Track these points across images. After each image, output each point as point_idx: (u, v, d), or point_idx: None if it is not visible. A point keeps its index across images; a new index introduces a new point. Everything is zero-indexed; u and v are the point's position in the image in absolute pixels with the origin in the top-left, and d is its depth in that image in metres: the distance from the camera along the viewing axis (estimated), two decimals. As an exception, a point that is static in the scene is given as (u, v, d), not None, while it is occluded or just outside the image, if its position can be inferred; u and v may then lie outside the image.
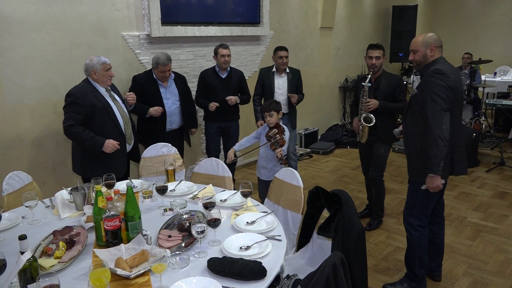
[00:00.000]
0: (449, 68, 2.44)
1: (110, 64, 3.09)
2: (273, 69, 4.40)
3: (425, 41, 2.50)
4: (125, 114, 3.19)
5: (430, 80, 2.39)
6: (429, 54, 2.50)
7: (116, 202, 1.96)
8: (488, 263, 3.16)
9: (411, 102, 2.57)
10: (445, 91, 2.35)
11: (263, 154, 3.40)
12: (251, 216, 2.18)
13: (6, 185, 2.63)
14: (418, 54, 2.53)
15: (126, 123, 3.16)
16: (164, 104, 3.76)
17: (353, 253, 1.94)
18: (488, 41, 9.35)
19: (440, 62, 2.47)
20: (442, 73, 2.37)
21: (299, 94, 4.50)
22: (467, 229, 3.72)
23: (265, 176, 3.42)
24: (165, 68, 3.66)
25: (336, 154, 6.23)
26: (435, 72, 2.38)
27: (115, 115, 3.08)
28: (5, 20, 3.27)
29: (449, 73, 2.39)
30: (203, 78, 4.18)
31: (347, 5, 7.18)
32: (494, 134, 6.06)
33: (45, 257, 1.81)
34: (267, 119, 3.28)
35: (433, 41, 2.49)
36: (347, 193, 2.19)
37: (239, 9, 4.99)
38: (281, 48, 4.29)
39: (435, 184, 2.44)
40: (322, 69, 6.82)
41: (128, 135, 3.19)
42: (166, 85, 3.80)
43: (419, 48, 2.52)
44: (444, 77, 2.36)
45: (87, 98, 2.97)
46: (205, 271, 1.69)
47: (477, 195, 4.50)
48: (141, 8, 4.11)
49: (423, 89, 2.42)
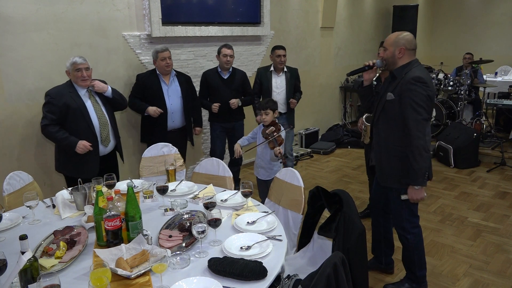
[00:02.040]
0: (426, 74, 2.40)
1: (84, 64, 3.05)
2: (271, 69, 4.40)
3: (397, 40, 2.42)
4: (103, 116, 3.16)
5: (412, 89, 2.32)
6: (397, 55, 2.43)
7: (117, 202, 1.96)
8: (489, 263, 3.16)
9: (385, 107, 2.48)
10: (426, 101, 2.32)
11: (260, 154, 3.40)
12: (251, 216, 2.18)
13: (7, 185, 2.63)
14: (387, 53, 2.47)
15: (102, 126, 3.14)
16: (166, 102, 3.77)
17: (353, 253, 1.94)
18: (489, 40, 9.34)
19: (416, 67, 2.41)
20: (423, 82, 2.32)
21: (297, 93, 4.50)
22: (468, 229, 3.72)
23: (263, 176, 3.42)
24: (165, 54, 3.67)
25: (336, 154, 6.23)
26: (416, 81, 2.32)
27: (89, 117, 3.07)
28: (6, 20, 3.27)
29: (429, 81, 2.36)
30: (205, 79, 4.17)
31: (348, 5, 7.18)
32: (495, 134, 6.05)
33: (45, 257, 1.81)
34: (262, 117, 3.27)
35: (404, 42, 2.41)
36: (348, 193, 2.19)
37: (239, 9, 4.99)
38: (278, 47, 4.29)
39: (420, 196, 2.42)
40: (322, 69, 6.82)
41: (104, 137, 3.16)
42: (168, 83, 3.81)
43: (389, 46, 2.46)
44: (425, 86, 2.32)
45: (63, 98, 3.01)
46: (206, 271, 1.69)
47: (478, 195, 4.49)
48: (141, 8, 4.12)
49: (403, 97, 2.35)
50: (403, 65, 2.43)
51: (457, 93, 6.61)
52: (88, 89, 3.13)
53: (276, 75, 4.40)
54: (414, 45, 2.45)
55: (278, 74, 4.39)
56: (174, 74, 3.85)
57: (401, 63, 2.43)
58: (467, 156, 5.37)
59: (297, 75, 4.49)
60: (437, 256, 3.28)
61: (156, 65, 3.76)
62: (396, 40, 2.42)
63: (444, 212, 4.08)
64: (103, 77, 3.80)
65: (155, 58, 3.73)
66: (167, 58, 3.70)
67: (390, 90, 2.44)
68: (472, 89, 6.65)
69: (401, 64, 2.43)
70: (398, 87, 2.39)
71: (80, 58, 3.07)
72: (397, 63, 2.45)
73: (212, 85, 4.14)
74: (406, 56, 2.42)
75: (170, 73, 3.83)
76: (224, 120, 4.19)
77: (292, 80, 4.41)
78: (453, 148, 5.38)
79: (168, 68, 3.74)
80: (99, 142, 3.14)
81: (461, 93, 6.44)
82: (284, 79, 4.39)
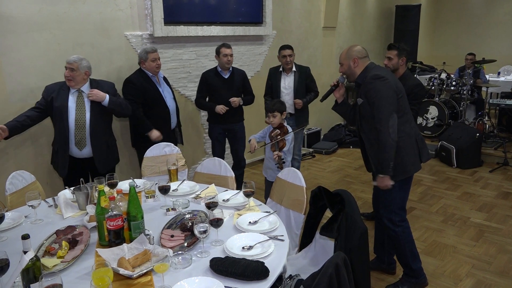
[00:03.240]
0: (383, 70, 2.57)
1: (70, 64, 3.01)
2: (280, 69, 4.34)
3: (348, 54, 2.62)
4: (82, 119, 3.06)
5: (370, 87, 2.49)
6: (352, 66, 2.61)
7: (119, 201, 1.96)
8: (492, 264, 3.15)
9: (361, 112, 2.63)
10: (387, 93, 2.45)
11: (268, 155, 3.38)
12: (253, 216, 2.18)
13: (9, 184, 2.64)
14: (343, 67, 2.66)
15: (78, 128, 3.06)
16: (167, 103, 3.70)
17: (355, 253, 1.94)
18: (492, 40, 9.32)
19: (372, 68, 2.57)
20: (379, 77, 2.47)
21: (311, 93, 4.34)
22: (470, 230, 3.71)
23: (271, 177, 3.38)
24: (155, 55, 3.60)
25: (338, 154, 6.22)
26: (374, 78, 2.48)
27: (67, 117, 3.03)
28: (9, 20, 3.28)
29: (386, 75, 2.51)
30: (205, 79, 4.07)
31: (350, 5, 7.17)
32: (498, 134, 6.03)
33: (48, 256, 1.82)
34: (270, 120, 3.26)
35: (355, 54, 2.60)
36: (350, 193, 2.19)
37: (241, 9, 4.99)
38: (284, 47, 4.21)
39: (384, 184, 2.53)
40: (325, 69, 6.81)
41: (78, 140, 3.07)
42: (160, 84, 3.71)
43: (343, 61, 2.64)
44: (382, 81, 2.47)
45: (52, 94, 3.07)
46: (208, 271, 1.69)
47: (481, 195, 4.48)
48: (144, 8, 4.12)
49: (367, 97, 2.52)
50: (361, 72, 2.61)
51: (460, 93, 6.60)
52: (80, 91, 3.09)
53: (285, 75, 4.33)
54: (365, 53, 2.64)
55: (287, 74, 4.32)
56: (162, 76, 3.78)
57: (359, 71, 2.61)
58: (470, 156, 5.35)
59: (308, 74, 4.34)
60: (440, 256, 3.27)
61: (145, 66, 3.60)
62: (347, 54, 2.63)
63: (447, 212, 4.07)
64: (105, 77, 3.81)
65: (144, 59, 3.58)
66: (157, 59, 3.62)
67: (358, 96, 2.63)
68: (475, 89, 6.64)
69: (359, 72, 2.61)
70: (362, 90, 2.58)
71: (73, 57, 3.04)
72: (356, 73, 2.63)
73: (212, 86, 4.04)
74: (361, 64, 2.60)
75: (158, 74, 3.73)
76: (225, 121, 4.06)
77: (301, 80, 4.28)
78: (456, 148, 5.36)
79: (158, 69, 3.65)
80: (69, 143, 3.08)
81: (464, 93, 6.43)
82: (293, 79, 4.30)
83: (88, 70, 3.11)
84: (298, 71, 4.32)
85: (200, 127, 4.94)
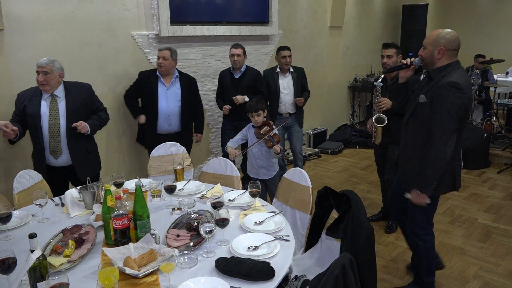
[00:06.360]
0: (464, 79, 2.24)
1: (42, 68, 2.83)
2: (277, 70, 4.38)
3: (437, 40, 2.28)
4: (56, 126, 2.91)
5: (444, 94, 2.19)
6: (435, 56, 2.29)
7: (125, 201, 1.97)
8: (500, 266, 3.12)
9: (416, 110, 2.38)
10: (458, 110, 2.18)
11: (258, 154, 3.33)
12: (259, 216, 2.17)
13: (16, 183, 2.65)
14: (425, 52, 2.34)
15: (53, 136, 2.91)
16: (159, 103, 3.67)
17: (362, 254, 1.92)
18: (500, 40, 9.22)
19: (455, 69, 2.27)
20: (459, 88, 2.17)
21: (305, 92, 4.47)
22: (478, 231, 3.68)
23: (264, 176, 3.36)
24: (160, 53, 3.62)
25: (344, 154, 6.19)
26: (451, 86, 2.18)
27: (40, 125, 2.89)
28: (16, 20, 3.30)
29: (466, 87, 2.20)
30: (220, 78, 4.27)
31: (357, 4, 7.13)
32: (506, 134, 5.97)
33: (54, 255, 1.82)
34: (254, 119, 3.24)
35: (445, 42, 2.27)
36: (356, 193, 2.17)
37: (248, 9, 4.99)
38: (283, 48, 4.28)
39: (420, 201, 2.36)
40: (331, 69, 6.79)
41: (52, 148, 2.92)
42: (168, 85, 3.71)
43: (428, 45, 2.32)
44: (459, 93, 2.17)
45: (24, 101, 2.90)
46: (213, 271, 1.69)
47: (488, 196, 4.44)
48: (150, 8, 4.13)
49: (434, 102, 2.23)
50: (441, 66, 2.30)
51: (467, 93, 6.53)
52: (53, 95, 2.92)
53: (282, 76, 4.38)
54: (456, 45, 2.29)
55: (284, 75, 4.38)
56: (177, 76, 3.74)
57: (439, 64, 2.30)
58: (477, 157, 5.31)
59: (303, 74, 4.47)
60: (447, 258, 3.24)
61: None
62: (436, 39, 2.28)
63: (454, 213, 4.04)
64: (111, 77, 3.83)
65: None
66: (162, 57, 3.60)
67: (424, 92, 2.33)
68: (483, 89, 6.57)
69: (439, 65, 2.30)
70: (432, 90, 2.28)
71: (43, 60, 2.85)
72: (435, 64, 2.31)
73: (223, 85, 4.22)
74: (446, 57, 2.29)
75: (171, 74, 3.71)
76: (234, 118, 4.20)
77: (298, 80, 4.39)
78: (463, 148, 5.32)
79: (161, 68, 3.63)
80: (45, 152, 2.94)
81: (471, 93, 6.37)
82: (291, 80, 4.38)
83: (62, 71, 2.95)
84: (294, 71, 4.41)
85: (206, 127, 4.94)
